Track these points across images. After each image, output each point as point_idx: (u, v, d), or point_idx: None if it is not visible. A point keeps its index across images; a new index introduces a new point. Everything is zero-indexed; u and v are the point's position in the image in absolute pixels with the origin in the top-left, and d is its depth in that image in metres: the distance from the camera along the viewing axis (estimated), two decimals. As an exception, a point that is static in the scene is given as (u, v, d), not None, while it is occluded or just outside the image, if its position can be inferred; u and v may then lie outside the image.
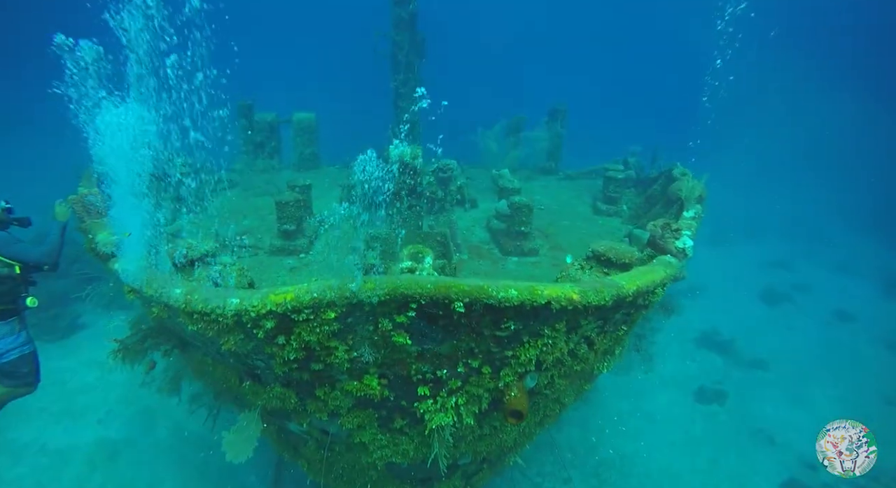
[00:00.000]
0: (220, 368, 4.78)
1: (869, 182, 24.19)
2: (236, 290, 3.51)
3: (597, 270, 4.91)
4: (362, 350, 3.74)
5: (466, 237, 9.28)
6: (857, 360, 12.68)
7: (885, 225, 19.97)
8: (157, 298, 3.74)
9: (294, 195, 8.28)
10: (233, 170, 11.68)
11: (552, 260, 8.51)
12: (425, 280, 3.36)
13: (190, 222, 9.48)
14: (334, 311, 3.42)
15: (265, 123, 11.61)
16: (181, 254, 4.69)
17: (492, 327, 3.62)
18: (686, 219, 5.82)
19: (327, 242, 8.86)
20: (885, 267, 17.51)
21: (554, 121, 11.91)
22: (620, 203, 10.27)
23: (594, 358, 4.45)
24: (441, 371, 3.94)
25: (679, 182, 6.92)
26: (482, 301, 3.37)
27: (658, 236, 4.93)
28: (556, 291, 3.48)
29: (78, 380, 10.71)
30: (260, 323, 3.42)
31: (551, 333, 3.77)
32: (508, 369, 3.97)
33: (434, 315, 3.51)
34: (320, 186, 10.84)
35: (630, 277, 3.97)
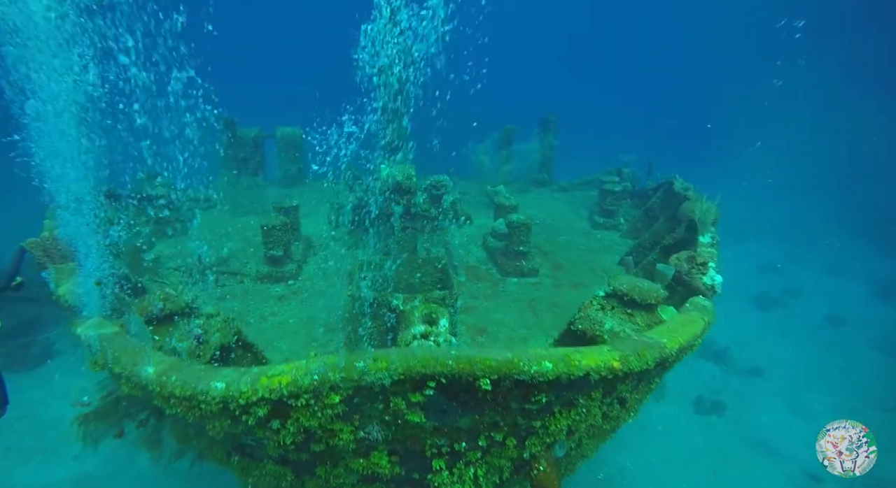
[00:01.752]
0: (204, 440, 4.16)
1: (857, 184, 24.21)
2: (220, 371, 2.88)
3: (619, 311, 4.41)
4: (370, 429, 3.16)
5: (462, 257, 8.73)
6: (853, 365, 12.44)
7: (873, 227, 19.89)
8: (126, 377, 3.10)
9: (281, 219, 7.63)
10: (209, 187, 10.96)
11: (553, 280, 8.03)
12: (445, 355, 2.79)
13: (170, 246, 8.82)
14: (339, 395, 2.83)
15: (248, 139, 10.89)
16: (157, 309, 4.06)
17: (520, 401, 3.08)
18: (705, 247, 5.35)
19: (317, 267, 8.24)
20: (875, 269, 17.37)
21: (546, 131, 11.42)
22: (618, 216, 9.83)
23: (625, 414, 3.95)
24: (459, 444, 3.38)
25: (691, 203, 6.45)
26: (512, 377, 2.82)
27: (684, 271, 4.44)
28: (595, 360, 2.94)
29: (51, 413, 9.83)
30: (250, 410, 2.82)
31: (586, 402, 3.24)
32: (535, 439, 3.43)
33: (455, 391, 2.95)
34: (307, 204, 10.18)
35: (670, 332, 3.45)
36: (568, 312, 7.09)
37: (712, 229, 5.81)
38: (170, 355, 3.40)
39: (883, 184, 24.04)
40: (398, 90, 6.29)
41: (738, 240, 18.54)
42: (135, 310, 3.93)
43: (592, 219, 10.02)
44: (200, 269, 7.79)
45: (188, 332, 3.93)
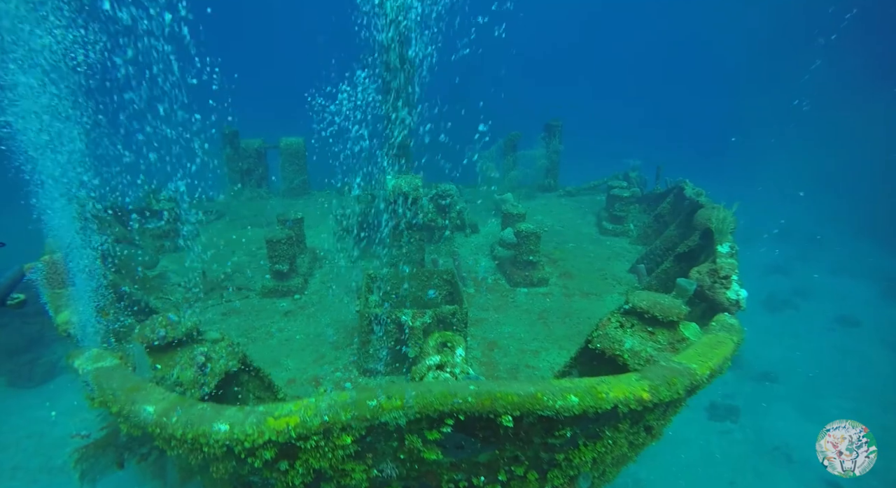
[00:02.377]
0: (208, 478, 3.96)
1: (861, 185, 23.82)
2: (223, 411, 2.67)
3: (639, 329, 4.18)
4: (384, 466, 2.94)
5: (471, 267, 8.51)
6: (866, 367, 12.14)
7: (878, 226, 19.55)
8: (124, 416, 2.90)
9: (285, 232, 7.44)
10: (212, 200, 10.78)
11: (563, 289, 7.80)
12: (464, 391, 2.58)
13: (174, 261, 8.64)
14: (350, 435, 2.62)
15: (251, 150, 10.71)
16: (160, 336, 3.86)
17: (544, 435, 2.86)
18: (724, 257, 5.11)
19: (323, 280, 8.04)
20: (881, 268, 17.06)
21: (551, 136, 11.20)
22: (627, 222, 9.59)
23: (651, 440, 3.72)
24: (478, 479, 3.17)
25: (707, 210, 6.21)
26: (535, 413, 2.61)
27: (707, 286, 4.21)
28: (623, 391, 2.72)
29: (58, 432, 9.64)
30: (256, 453, 2.61)
31: (612, 434, 3.02)
32: (558, 471, 3.21)
33: (474, 427, 2.74)
34: (312, 215, 9.99)
35: (699, 356, 3.23)
36: (580, 323, 6.89)
37: (730, 238, 5.57)
38: (172, 389, 3.20)
39: (881, 182, 23.68)
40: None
41: (742, 241, 18.28)
42: (136, 338, 3.74)
43: (601, 224, 9.78)
44: (206, 286, 7.60)
45: (191, 360, 3.74)
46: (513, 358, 6.15)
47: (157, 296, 7.53)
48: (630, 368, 3.74)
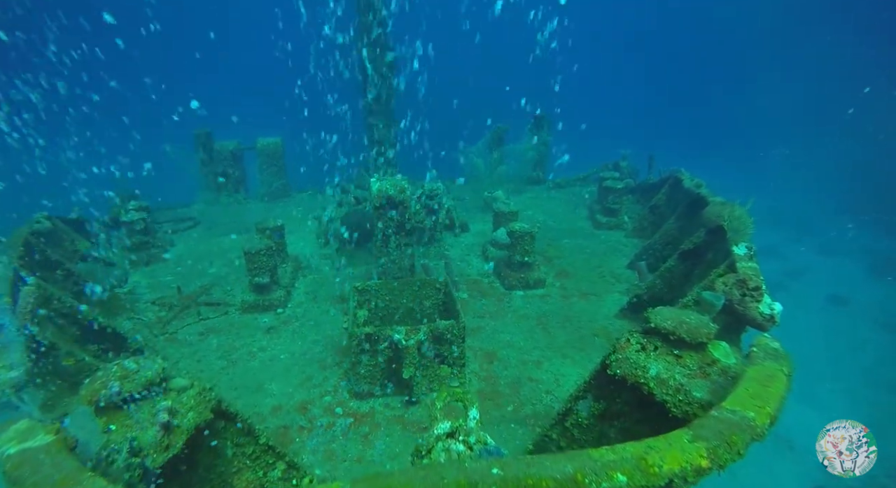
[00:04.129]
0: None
1: (844, 162, 23.58)
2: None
3: (664, 352, 3.64)
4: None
5: (462, 270, 7.92)
6: (858, 346, 11.90)
7: (863, 204, 19.35)
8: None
9: (265, 242, 6.74)
10: (187, 207, 9.99)
11: (561, 290, 7.26)
12: (486, 477, 1.99)
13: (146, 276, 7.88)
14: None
15: (226, 152, 9.90)
16: (113, 392, 3.20)
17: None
18: (743, 261, 4.60)
19: (307, 291, 7.38)
20: (867, 246, 16.89)
21: (539, 128, 10.58)
22: (621, 214, 9.06)
23: None
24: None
25: (717, 207, 5.67)
26: (574, 496, 2.04)
27: (736, 300, 3.68)
28: (679, 461, 2.17)
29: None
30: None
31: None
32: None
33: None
34: (293, 219, 9.27)
35: (753, 399, 2.67)
36: (581, 327, 6.36)
37: (747, 238, 5.06)
38: (125, 470, 2.56)
39: (868, 160, 23.50)
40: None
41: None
42: (82, 397, 3.07)
43: (594, 218, 9.24)
44: (181, 303, 6.90)
45: (153, 418, 3.09)
46: (514, 370, 5.61)
47: (127, 316, 6.82)
48: (657, 398, 3.21)
